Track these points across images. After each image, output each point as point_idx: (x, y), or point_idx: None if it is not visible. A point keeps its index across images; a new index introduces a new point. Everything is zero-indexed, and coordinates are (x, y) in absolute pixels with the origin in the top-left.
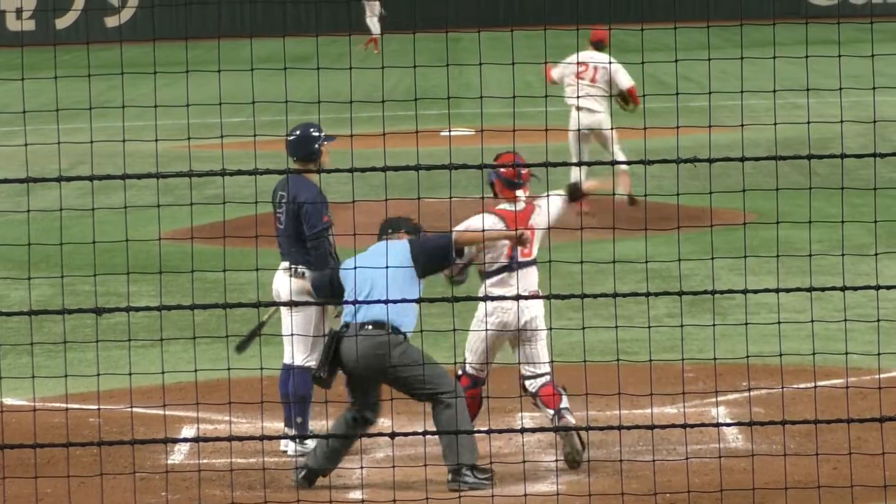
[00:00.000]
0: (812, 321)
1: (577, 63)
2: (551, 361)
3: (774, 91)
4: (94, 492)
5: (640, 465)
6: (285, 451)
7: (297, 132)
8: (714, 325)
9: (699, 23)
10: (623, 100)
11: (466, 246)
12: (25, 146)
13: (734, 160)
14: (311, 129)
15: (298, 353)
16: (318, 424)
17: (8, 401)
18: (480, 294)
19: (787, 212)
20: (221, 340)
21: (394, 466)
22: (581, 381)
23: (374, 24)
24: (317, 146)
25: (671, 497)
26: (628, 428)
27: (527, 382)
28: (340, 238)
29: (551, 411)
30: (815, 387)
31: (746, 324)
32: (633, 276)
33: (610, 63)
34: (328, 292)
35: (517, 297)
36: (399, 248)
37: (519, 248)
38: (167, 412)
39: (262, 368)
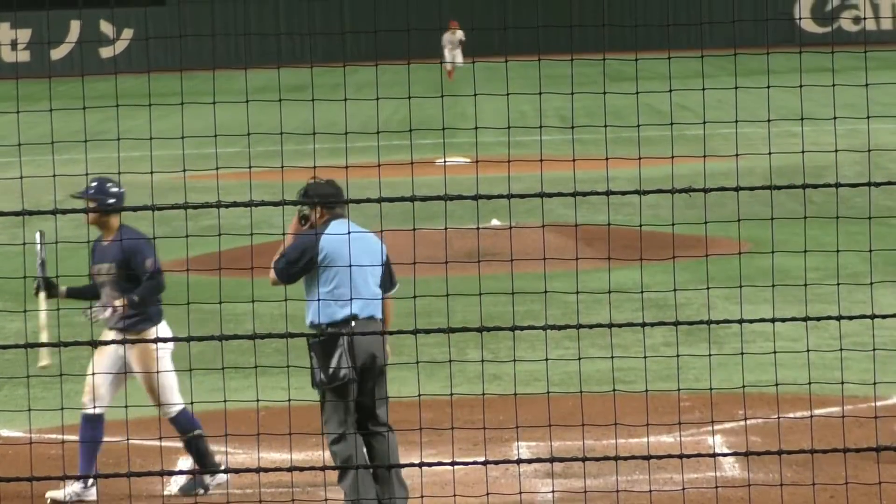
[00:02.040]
0: (808, 350)
1: None
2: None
3: (769, 120)
4: None
5: (636, 495)
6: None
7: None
8: (710, 354)
9: (694, 51)
10: None
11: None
12: (21, 178)
13: (729, 189)
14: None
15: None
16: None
17: (4, 433)
18: None
19: (782, 240)
20: (217, 372)
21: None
22: (578, 410)
23: (451, 54)
24: None
25: None
26: (625, 458)
27: None
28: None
29: None
30: (812, 416)
31: (742, 353)
32: (630, 306)
33: None
34: None
35: (516, 328)
36: (378, 245)
37: None
38: (163, 443)
39: (258, 400)
